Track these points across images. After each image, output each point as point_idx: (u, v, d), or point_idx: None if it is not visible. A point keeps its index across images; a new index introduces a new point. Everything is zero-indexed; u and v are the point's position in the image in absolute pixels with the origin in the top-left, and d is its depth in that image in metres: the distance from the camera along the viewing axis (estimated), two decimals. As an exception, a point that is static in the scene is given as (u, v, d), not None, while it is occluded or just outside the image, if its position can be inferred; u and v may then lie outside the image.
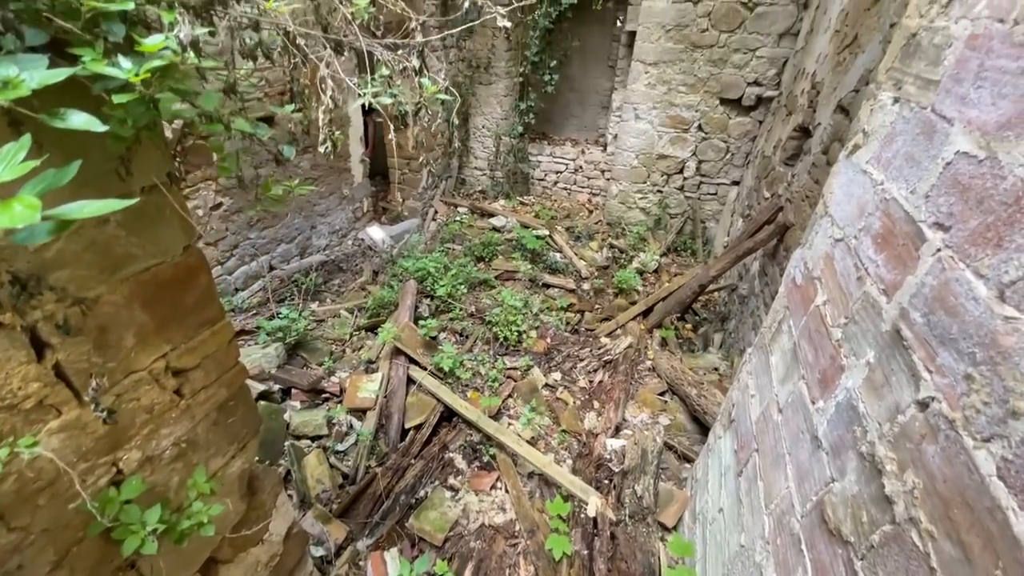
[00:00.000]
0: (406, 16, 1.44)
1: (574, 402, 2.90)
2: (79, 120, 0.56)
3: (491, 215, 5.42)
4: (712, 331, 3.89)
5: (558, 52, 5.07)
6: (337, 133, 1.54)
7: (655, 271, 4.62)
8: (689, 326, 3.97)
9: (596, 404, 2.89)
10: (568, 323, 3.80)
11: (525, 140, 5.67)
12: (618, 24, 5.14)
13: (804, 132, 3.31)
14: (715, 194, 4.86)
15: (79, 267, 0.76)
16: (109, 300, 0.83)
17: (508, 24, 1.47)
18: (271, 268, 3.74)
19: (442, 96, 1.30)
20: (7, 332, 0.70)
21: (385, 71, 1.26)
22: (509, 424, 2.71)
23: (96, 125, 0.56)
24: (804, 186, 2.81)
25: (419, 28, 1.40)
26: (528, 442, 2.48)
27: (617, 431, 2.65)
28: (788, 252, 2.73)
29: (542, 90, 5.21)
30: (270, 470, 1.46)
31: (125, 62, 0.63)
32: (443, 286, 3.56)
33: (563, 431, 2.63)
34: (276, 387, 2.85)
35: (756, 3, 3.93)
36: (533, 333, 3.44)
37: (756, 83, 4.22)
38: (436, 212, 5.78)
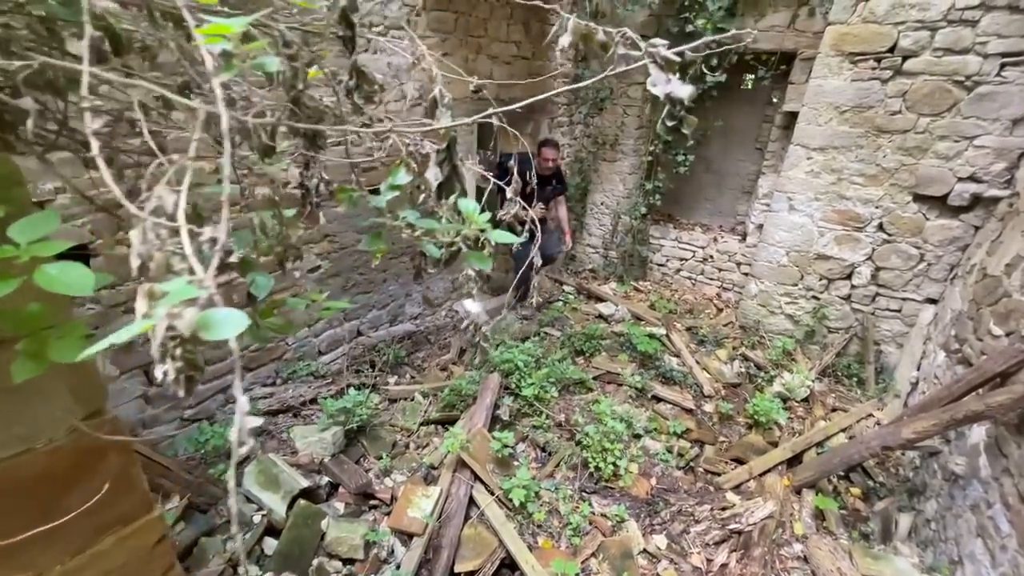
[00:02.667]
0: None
1: (684, 595, 2.07)
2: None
3: (599, 299, 4.85)
4: (895, 509, 2.73)
5: (696, 131, 4.55)
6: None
7: (805, 399, 3.56)
8: (857, 491, 2.87)
9: (717, 608, 2.02)
10: (682, 456, 2.97)
11: (647, 221, 5.12)
12: (772, 103, 4.50)
13: (1073, 252, 2.27)
14: (898, 311, 3.73)
15: None
16: None
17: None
18: (358, 334, 3.58)
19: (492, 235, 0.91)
20: None
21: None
22: (587, 611, 1.97)
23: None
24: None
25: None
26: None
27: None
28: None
29: (673, 170, 4.68)
30: None
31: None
32: (531, 385, 3.02)
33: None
34: (325, 480, 2.49)
35: (978, 81, 3.04)
36: (634, 468, 2.69)
37: (972, 179, 3.20)
38: (539, 287, 5.39)
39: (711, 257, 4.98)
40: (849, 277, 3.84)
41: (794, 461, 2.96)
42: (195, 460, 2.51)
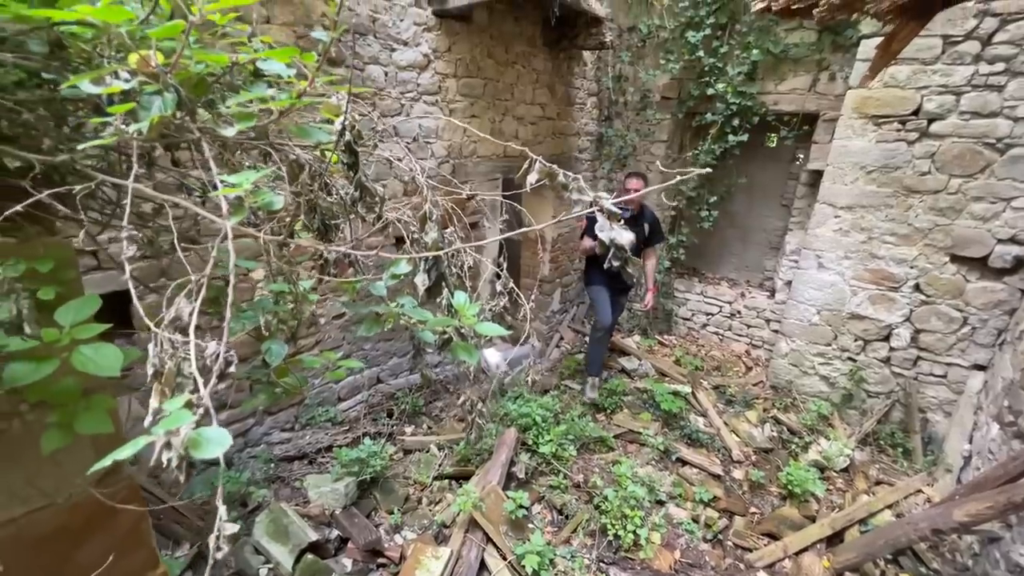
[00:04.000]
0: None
1: None
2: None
3: (622, 352, 4.75)
4: (954, 604, 2.44)
5: (720, 188, 4.59)
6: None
7: (844, 470, 3.32)
8: (908, 578, 2.59)
9: None
10: (709, 527, 2.77)
11: (672, 274, 5.08)
12: (797, 161, 4.53)
13: None
14: (943, 376, 3.50)
15: None
16: None
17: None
18: (378, 381, 3.60)
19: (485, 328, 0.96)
20: None
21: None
22: None
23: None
24: None
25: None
26: None
27: None
28: None
29: (697, 225, 4.69)
30: None
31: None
32: (548, 441, 2.94)
33: None
34: (334, 534, 2.43)
35: (1010, 143, 2.99)
36: (656, 538, 2.52)
37: (1014, 240, 3.08)
38: (562, 338, 5.35)
39: (739, 313, 4.86)
40: (887, 339, 3.66)
41: (834, 539, 2.72)
42: (209, 504, 2.51)
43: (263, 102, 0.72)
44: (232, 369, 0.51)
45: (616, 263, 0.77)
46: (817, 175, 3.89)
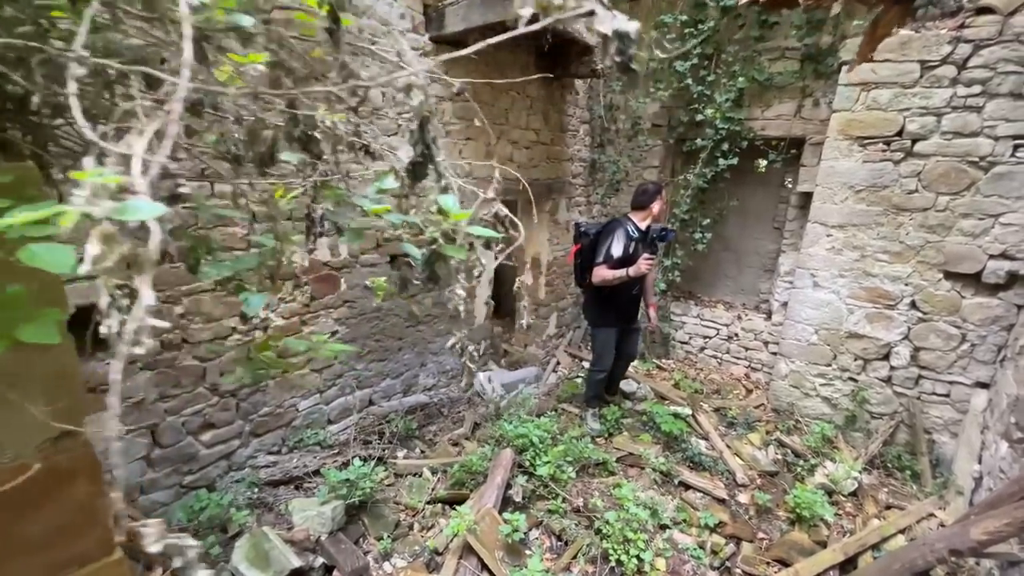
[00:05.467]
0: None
1: None
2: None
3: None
4: (979, 634, 2.29)
5: (712, 211, 4.66)
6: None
7: (853, 494, 3.20)
8: (927, 608, 2.43)
9: None
10: (715, 553, 2.63)
11: (667, 298, 5.07)
12: (787, 186, 4.62)
13: None
14: (947, 395, 3.44)
15: None
16: None
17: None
18: (370, 403, 3.50)
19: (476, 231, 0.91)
20: None
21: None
22: None
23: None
24: None
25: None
26: None
27: None
28: None
29: (691, 247, 4.73)
30: None
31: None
32: (546, 463, 2.82)
33: None
34: (319, 561, 2.29)
35: (993, 161, 3.07)
36: (660, 564, 2.39)
37: (1005, 256, 3.11)
38: (559, 363, 5.26)
39: (736, 335, 4.83)
40: (887, 357, 3.62)
41: (847, 566, 2.58)
42: (188, 530, 2.36)
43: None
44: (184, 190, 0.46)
45: (619, 57, 0.62)
46: (807, 197, 3.96)
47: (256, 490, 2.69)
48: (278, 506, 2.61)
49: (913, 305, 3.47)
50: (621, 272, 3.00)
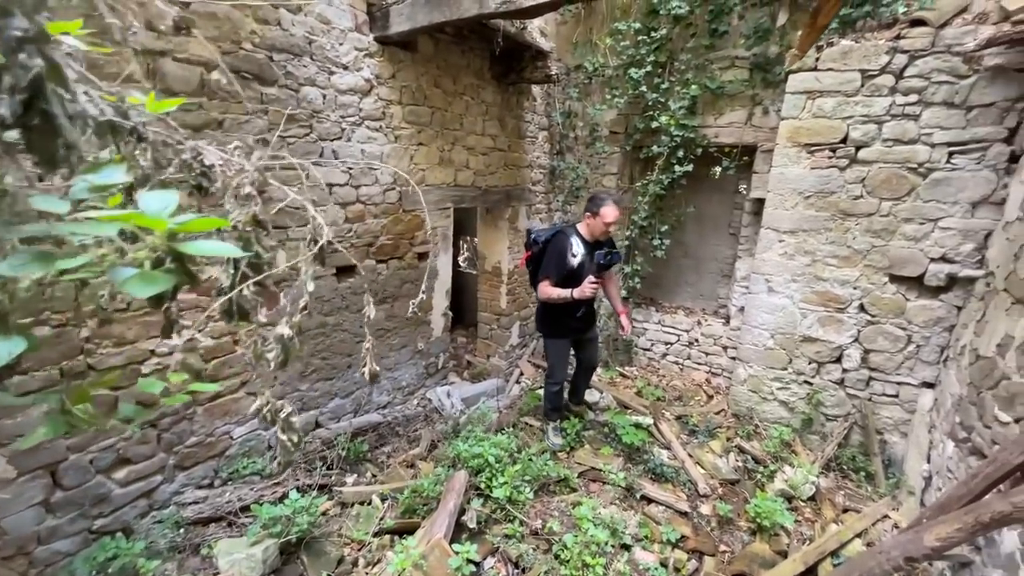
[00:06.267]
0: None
1: None
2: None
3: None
4: (934, 638, 2.29)
5: (670, 217, 4.67)
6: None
7: (811, 498, 3.20)
8: (886, 615, 2.42)
9: None
10: (678, 571, 2.55)
11: (628, 305, 5.05)
12: (741, 192, 4.69)
13: (1064, 329, 2.17)
14: (896, 396, 3.52)
15: None
16: None
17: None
18: (316, 425, 3.26)
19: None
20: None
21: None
22: None
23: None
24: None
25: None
26: None
27: None
28: None
29: (651, 254, 4.72)
30: None
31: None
32: (503, 484, 2.68)
33: None
34: (248, 610, 2.05)
35: (931, 168, 3.17)
36: (621, 587, 2.28)
37: (945, 259, 3.21)
38: (522, 373, 5.14)
39: (696, 341, 4.85)
40: (839, 360, 3.68)
41: (807, 575, 2.55)
42: (91, 587, 2.08)
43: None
44: None
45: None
46: (760, 203, 4.01)
47: (181, 531, 2.42)
48: (204, 547, 2.35)
49: (862, 308, 3.55)
50: (565, 293, 2.87)
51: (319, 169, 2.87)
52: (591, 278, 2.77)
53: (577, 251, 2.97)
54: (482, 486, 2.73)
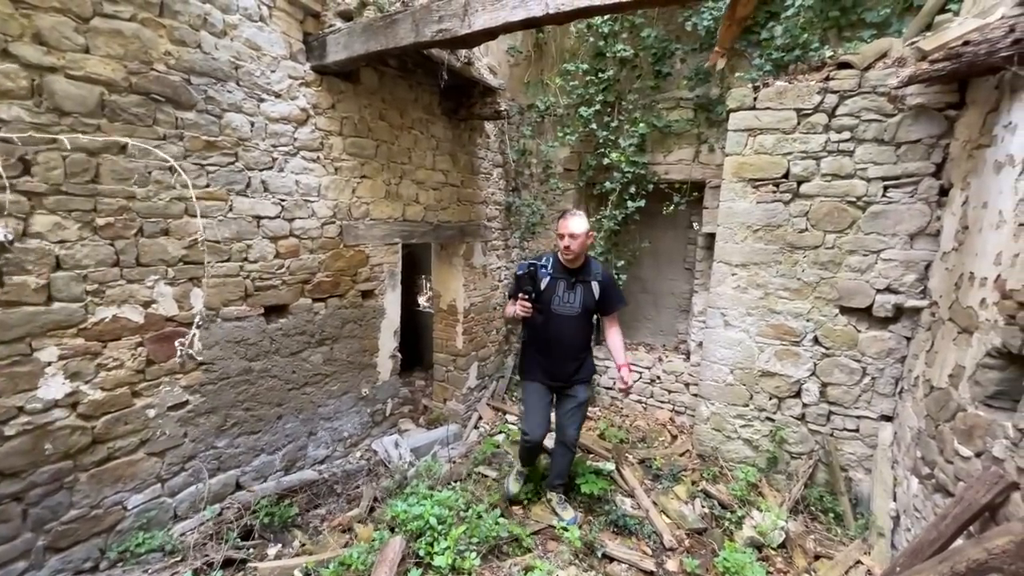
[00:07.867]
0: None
1: None
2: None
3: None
4: None
5: (626, 253, 4.65)
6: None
7: (782, 545, 3.00)
8: None
9: None
10: (642, 642, 2.26)
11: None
12: (694, 227, 4.74)
13: (1010, 357, 2.14)
14: (856, 431, 3.44)
15: None
16: None
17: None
18: (237, 487, 2.86)
19: None
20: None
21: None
22: None
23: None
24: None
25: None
26: None
27: None
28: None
29: (609, 290, 4.64)
30: None
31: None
32: (445, 550, 2.36)
33: None
34: None
35: (868, 201, 3.25)
36: (577, 671, 1.97)
37: (890, 290, 3.24)
38: (480, 417, 4.84)
39: (659, 378, 4.72)
40: (799, 395, 3.60)
41: (783, 638, 2.32)
42: None
43: None
44: None
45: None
46: (712, 237, 4.03)
47: (44, 632, 1.97)
48: (71, 654, 1.91)
49: (816, 341, 3.52)
50: (509, 310, 2.73)
51: (245, 200, 2.65)
52: (523, 296, 2.62)
53: (545, 273, 2.83)
54: (422, 553, 2.40)
